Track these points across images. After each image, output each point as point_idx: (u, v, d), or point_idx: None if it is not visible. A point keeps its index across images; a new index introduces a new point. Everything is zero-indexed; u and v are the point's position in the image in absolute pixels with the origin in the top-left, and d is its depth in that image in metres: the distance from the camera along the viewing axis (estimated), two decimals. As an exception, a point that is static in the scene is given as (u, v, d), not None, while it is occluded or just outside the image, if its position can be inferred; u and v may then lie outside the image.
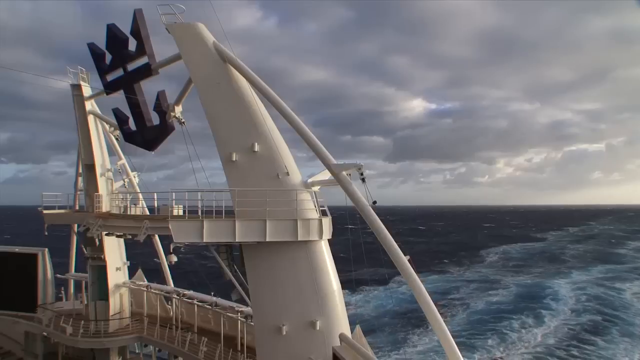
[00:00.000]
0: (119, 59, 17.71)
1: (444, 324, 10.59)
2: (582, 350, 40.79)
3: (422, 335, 40.55)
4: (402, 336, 41.67)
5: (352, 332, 15.46)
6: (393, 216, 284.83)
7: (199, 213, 14.62)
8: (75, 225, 25.66)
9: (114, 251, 25.07)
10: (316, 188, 15.81)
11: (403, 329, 43.69)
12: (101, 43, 18.00)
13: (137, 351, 26.92)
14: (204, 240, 14.12)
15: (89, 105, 24.03)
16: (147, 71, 17.19)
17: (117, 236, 18.89)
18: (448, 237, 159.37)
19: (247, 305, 17.65)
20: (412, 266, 10.34)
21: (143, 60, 17.09)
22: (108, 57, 18.13)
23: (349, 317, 16.01)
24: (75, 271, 29.34)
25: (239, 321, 20.13)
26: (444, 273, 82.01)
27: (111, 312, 24.47)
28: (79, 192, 26.29)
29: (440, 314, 10.74)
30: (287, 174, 15.06)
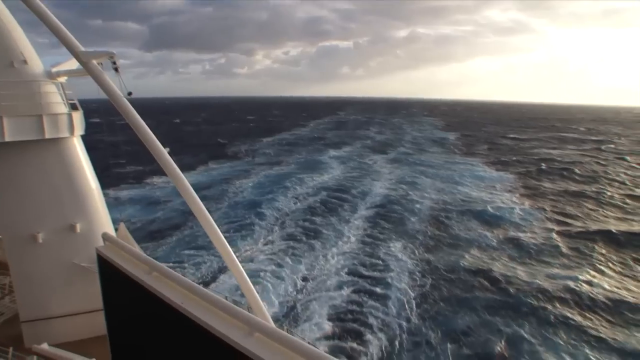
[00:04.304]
0: None
1: (207, 212, 10.86)
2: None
3: (189, 228, 41.38)
4: (169, 229, 41.96)
5: (116, 231, 15.00)
6: (151, 108, 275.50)
7: None
8: None
9: None
10: (63, 79, 14.01)
11: (169, 222, 43.98)
12: None
13: None
14: None
15: None
16: None
17: None
18: (213, 130, 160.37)
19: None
20: (172, 159, 10.12)
21: None
22: None
23: (111, 215, 15.43)
24: None
25: None
26: (214, 163, 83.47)
27: None
28: None
29: (205, 205, 10.97)
30: (25, 62, 12.92)
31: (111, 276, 9.17)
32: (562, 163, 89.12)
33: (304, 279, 31.71)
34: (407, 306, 28.21)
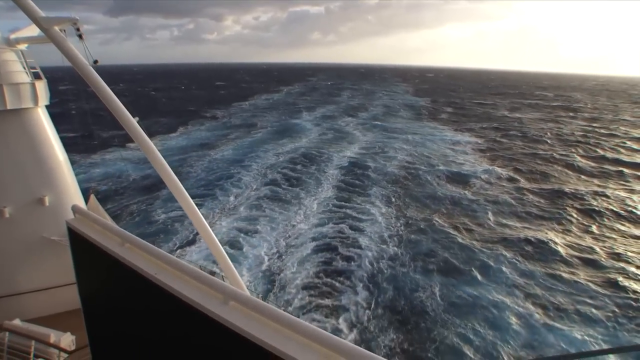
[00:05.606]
0: None
1: (179, 182, 10.75)
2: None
3: (160, 196, 40.84)
4: (141, 199, 41.37)
5: (86, 203, 14.78)
6: (122, 76, 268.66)
7: None
8: None
9: None
10: (23, 46, 13.47)
11: (143, 191, 43.29)
12: None
13: None
14: None
15: None
16: None
17: None
18: (186, 96, 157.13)
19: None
20: (141, 128, 9.89)
21: None
22: None
23: (82, 187, 15.16)
24: None
25: None
26: (191, 128, 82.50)
27: None
28: None
29: (177, 174, 10.84)
30: (-20, 28, 12.40)
31: (83, 249, 9.03)
32: (527, 127, 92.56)
33: (294, 219, 35.40)
34: (383, 236, 32.76)
